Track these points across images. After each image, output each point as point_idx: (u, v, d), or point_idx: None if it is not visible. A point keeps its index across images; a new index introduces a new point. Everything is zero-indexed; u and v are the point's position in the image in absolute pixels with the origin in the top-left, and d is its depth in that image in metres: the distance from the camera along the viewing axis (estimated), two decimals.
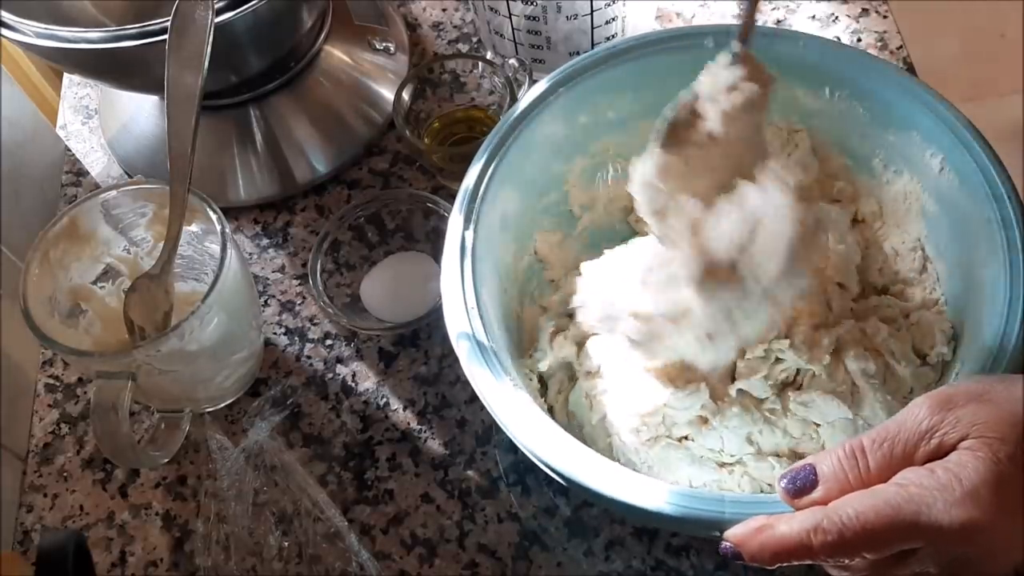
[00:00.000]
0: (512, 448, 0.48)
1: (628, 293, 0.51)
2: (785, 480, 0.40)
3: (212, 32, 0.54)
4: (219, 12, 0.56)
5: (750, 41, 0.47)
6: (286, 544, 0.57)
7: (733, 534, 0.41)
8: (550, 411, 0.56)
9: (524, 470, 0.59)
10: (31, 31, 0.58)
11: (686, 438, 0.53)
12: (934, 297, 0.56)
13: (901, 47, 0.74)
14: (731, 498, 0.44)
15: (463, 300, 0.51)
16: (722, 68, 0.47)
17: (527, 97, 0.57)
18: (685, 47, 0.57)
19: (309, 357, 0.65)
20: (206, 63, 0.54)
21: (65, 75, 0.82)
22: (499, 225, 0.56)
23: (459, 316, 0.51)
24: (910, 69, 0.71)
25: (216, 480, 0.58)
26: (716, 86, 0.47)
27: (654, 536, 0.56)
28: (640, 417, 0.52)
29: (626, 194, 0.50)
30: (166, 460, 0.59)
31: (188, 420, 0.60)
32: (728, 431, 0.52)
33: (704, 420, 0.52)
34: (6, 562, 0.56)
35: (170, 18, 0.54)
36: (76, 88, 0.80)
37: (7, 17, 0.58)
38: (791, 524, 0.39)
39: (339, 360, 0.64)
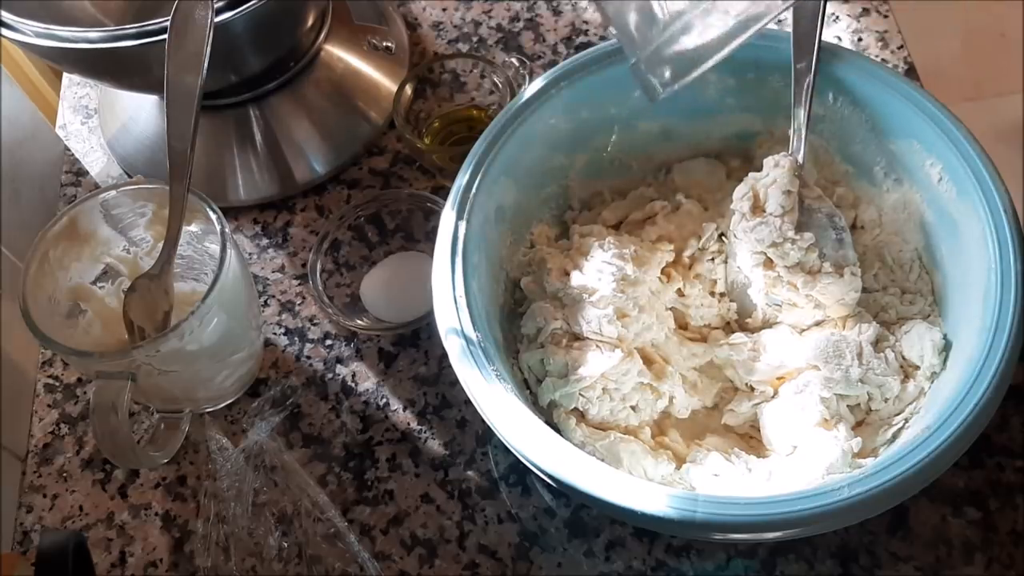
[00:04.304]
0: None
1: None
2: None
3: (212, 32, 0.54)
4: (219, 12, 0.56)
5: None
6: (286, 545, 0.57)
7: None
8: (535, 403, 0.56)
9: (524, 470, 0.58)
10: (31, 31, 0.58)
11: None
12: (928, 307, 0.56)
13: (902, 47, 0.73)
14: (704, 498, 0.44)
15: (452, 290, 0.51)
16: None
17: (528, 90, 0.57)
18: None
19: (309, 357, 0.65)
20: (205, 63, 0.54)
21: (65, 75, 0.82)
22: (495, 216, 0.56)
23: (447, 307, 0.51)
24: (911, 69, 0.71)
25: (216, 480, 0.58)
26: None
27: (655, 537, 0.56)
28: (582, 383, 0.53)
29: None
30: (166, 461, 0.59)
31: (188, 420, 0.60)
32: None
33: (652, 388, 0.54)
34: (6, 562, 0.56)
35: (169, 18, 0.54)
36: (76, 88, 0.80)
37: (7, 17, 0.58)
38: None
39: (339, 360, 0.64)
